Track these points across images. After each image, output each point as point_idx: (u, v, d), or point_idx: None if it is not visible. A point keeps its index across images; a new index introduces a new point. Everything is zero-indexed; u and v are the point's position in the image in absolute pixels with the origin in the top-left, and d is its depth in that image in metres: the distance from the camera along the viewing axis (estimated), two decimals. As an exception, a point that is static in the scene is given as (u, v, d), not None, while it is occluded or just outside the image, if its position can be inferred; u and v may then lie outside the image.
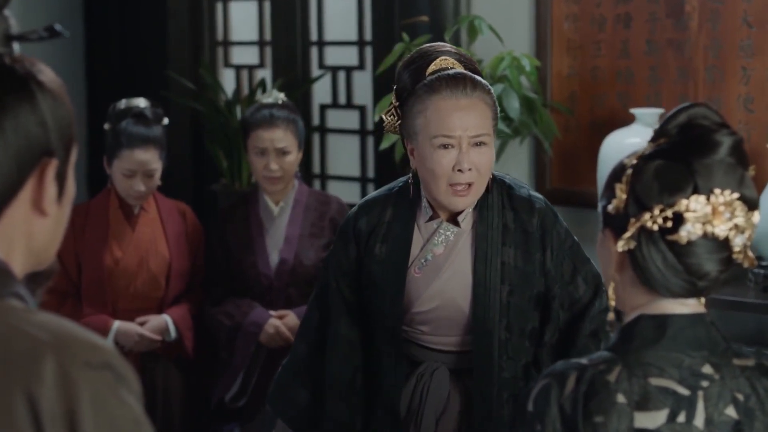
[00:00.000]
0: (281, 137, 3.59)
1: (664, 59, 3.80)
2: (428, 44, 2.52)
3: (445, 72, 2.37)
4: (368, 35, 4.58)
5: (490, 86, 2.40)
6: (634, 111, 3.67)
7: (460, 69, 2.39)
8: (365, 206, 2.54)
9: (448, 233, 2.46)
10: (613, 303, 1.61)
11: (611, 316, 1.61)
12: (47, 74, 1.28)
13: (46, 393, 1.13)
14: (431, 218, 2.47)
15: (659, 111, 3.65)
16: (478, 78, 2.39)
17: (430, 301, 2.45)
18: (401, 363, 2.48)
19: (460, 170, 2.33)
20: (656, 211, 1.52)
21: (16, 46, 1.30)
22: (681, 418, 1.52)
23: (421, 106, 2.36)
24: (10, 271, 1.24)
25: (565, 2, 3.98)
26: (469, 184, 2.36)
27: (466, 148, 2.33)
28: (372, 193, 2.62)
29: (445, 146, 2.34)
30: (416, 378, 2.48)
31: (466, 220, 2.45)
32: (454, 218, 2.46)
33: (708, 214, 1.50)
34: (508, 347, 2.41)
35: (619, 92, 3.92)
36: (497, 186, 2.46)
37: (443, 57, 2.41)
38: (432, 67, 2.39)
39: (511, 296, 2.40)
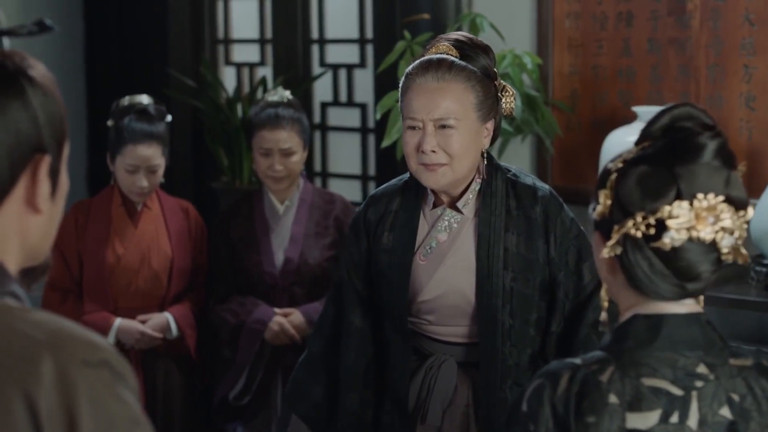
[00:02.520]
0: (286, 138, 3.56)
1: (665, 57, 3.80)
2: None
3: (426, 57, 2.41)
4: (369, 33, 4.57)
5: (478, 71, 2.39)
6: (636, 109, 3.66)
7: (447, 54, 2.40)
8: (374, 197, 2.59)
9: (452, 220, 2.47)
10: (605, 304, 1.59)
11: (604, 316, 1.60)
12: (38, 69, 1.27)
13: (44, 392, 1.13)
14: (435, 205, 2.49)
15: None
16: (460, 63, 2.38)
17: (435, 289, 2.46)
18: (408, 353, 2.49)
19: (423, 151, 2.37)
20: (639, 218, 1.51)
21: (6, 42, 1.28)
22: (674, 418, 1.50)
23: (402, 90, 2.44)
24: (6, 269, 1.23)
25: (567, 0, 3.98)
26: (441, 164, 2.38)
27: (430, 130, 2.37)
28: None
29: (412, 128, 2.40)
30: (425, 370, 2.49)
31: (469, 206, 2.47)
32: (455, 204, 2.47)
33: (691, 219, 1.49)
34: (511, 334, 2.41)
35: (621, 90, 3.91)
36: (501, 173, 2.47)
37: (441, 43, 2.43)
38: (427, 54, 2.43)
39: (514, 282, 2.41)
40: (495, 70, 2.46)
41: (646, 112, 3.63)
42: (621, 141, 3.62)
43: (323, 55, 4.72)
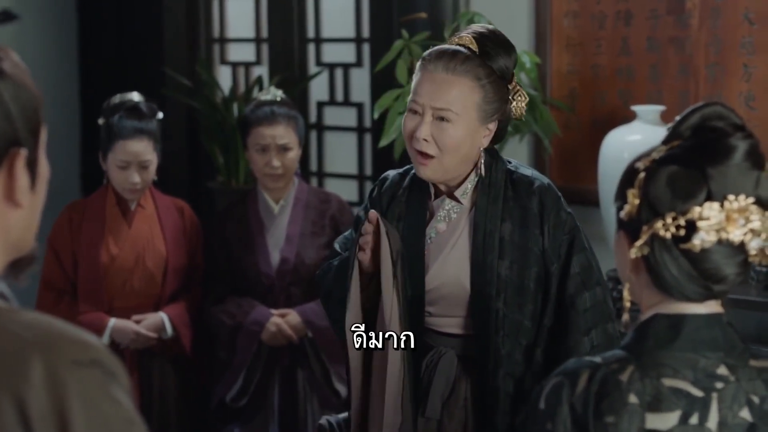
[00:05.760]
0: (283, 134, 3.58)
1: (664, 56, 3.77)
2: None
3: (443, 46, 2.44)
4: (366, 32, 4.56)
5: (493, 69, 2.39)
6: (635, 108, 3.64)
7: (468, 47, 2.39)
8: (384, 179, 2.59)
9: (451, 210, 2.48)
10: (628, 304, 1.57)
11: (626, 317, 1.58)
12: (8, 60, 1.22)
13: (35, 394, 1.10)
14: (436, 196, 2.51)
15: (660, 108, 3.63)
16: (475, 59, 2.38)
17: (435, 279, 2.47)
18: (420, 346, 2.48)
19: (416, 137, 2.38)
20: (669, 219, 1.50)
21: None
22: (693, 419, 1.49)
23: (416, 71, 2.45)
24: None
25: (565, -1, 3.95)
26: (431, 156, 2.38)
27: (428, 119, 2.38)
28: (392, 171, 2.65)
29: (413, 111, 2.41)
30: (425, 363, 2.49)
31: (468, 196, 2.47)
32: (453, 194, 2.48)
33: (722, 221, 1.48)
34: (505, 324, 2.41)
35: (620, 89, 3.89)
36: (501, 165, 2.48)
37: (463, 34, 2.44)
38: (449, 43, 2.45)
39: (510, 271, 2.41)
40: (513, 72, 2.46)
41: (646, 111, 3.61)
42: (620, 140, 3.60)
43: (319, 54, 4.70)
